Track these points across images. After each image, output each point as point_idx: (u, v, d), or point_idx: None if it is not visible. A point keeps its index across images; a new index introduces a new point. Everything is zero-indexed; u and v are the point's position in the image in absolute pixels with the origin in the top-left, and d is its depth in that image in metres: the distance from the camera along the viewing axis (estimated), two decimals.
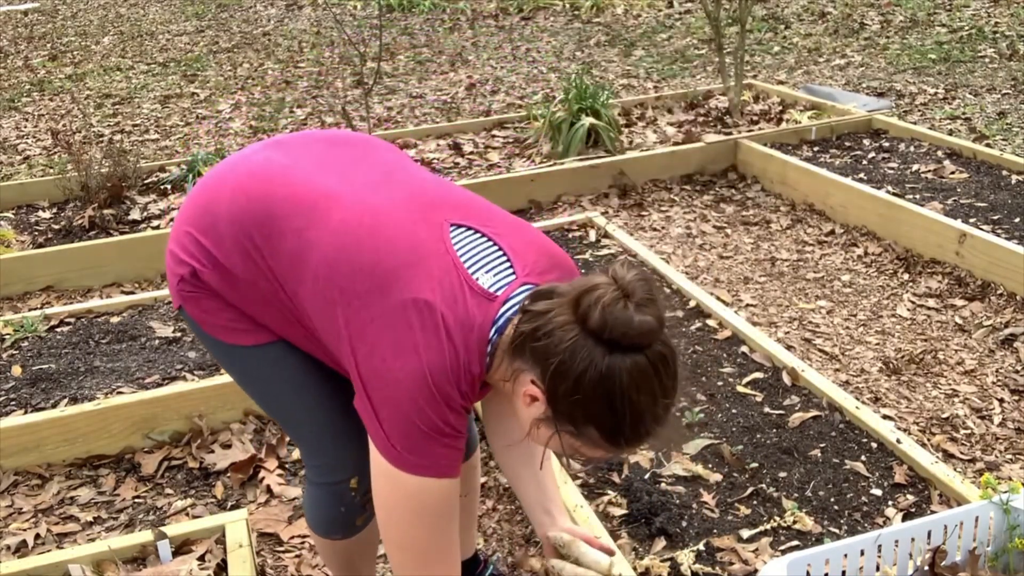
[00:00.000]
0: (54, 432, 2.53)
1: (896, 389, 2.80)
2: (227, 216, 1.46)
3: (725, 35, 6.34)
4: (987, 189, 3.94)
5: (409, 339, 1.30)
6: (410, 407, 1.30)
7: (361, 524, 1.68)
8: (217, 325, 1.53)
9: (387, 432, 1.32)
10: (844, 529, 2.12)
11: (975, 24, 7.45)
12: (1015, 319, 3.11)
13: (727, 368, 2.75)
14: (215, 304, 1.52)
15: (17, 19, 10.66)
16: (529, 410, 1.34)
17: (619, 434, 1.29)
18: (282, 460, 2.55)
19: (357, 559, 1.77)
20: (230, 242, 1.46)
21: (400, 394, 1.30)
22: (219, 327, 1.53)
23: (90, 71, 7.70)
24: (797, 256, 3.75)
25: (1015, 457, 2.48)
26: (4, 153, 5.65)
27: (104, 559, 1.96)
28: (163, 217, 4.23)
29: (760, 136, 4.67)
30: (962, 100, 5.56)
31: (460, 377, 1.32)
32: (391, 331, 1.31)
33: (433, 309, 1.30)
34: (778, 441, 2.42)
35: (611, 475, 2.32)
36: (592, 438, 1.30)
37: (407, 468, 1.33)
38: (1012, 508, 1.78)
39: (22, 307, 3.62)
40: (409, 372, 1.30)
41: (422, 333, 1.30)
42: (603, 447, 1.32)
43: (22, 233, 4.18)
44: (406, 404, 1.30)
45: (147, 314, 3.23)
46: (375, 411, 1.33)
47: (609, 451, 1.34)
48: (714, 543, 2.08)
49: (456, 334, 1.31)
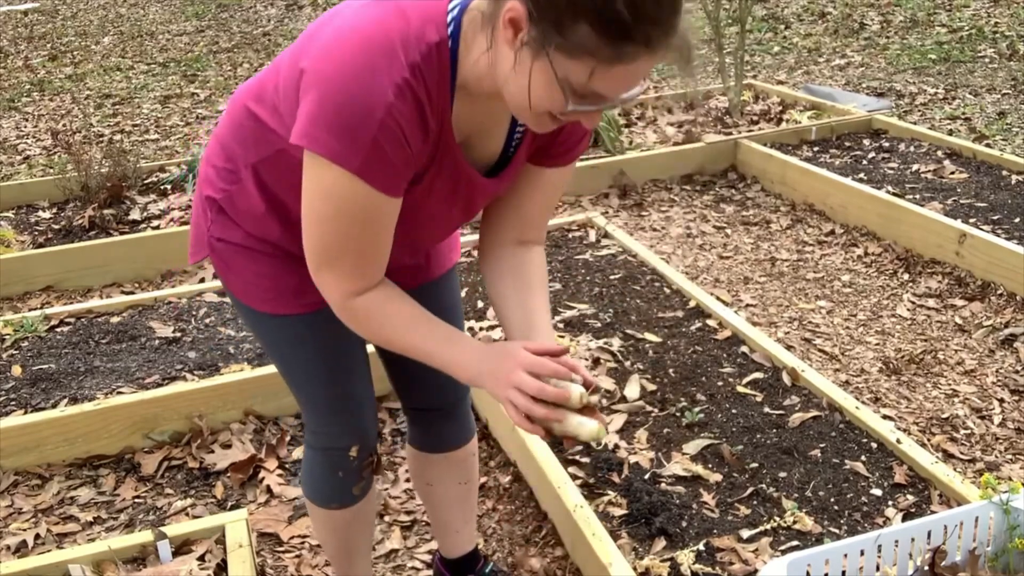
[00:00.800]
0: (54, 432, 2.53)
1: (896, 389, 2.80)
2: (226, 123, 1.48)
3: (725, 35, 6.34)
4: (987, 189, 3.94)
5: (351, 19, 1.22)
6: (341, 75, 1.16)
7: (358, 493, 1.69)
8: (240, 287, 1.53)
9: (313, 112, 1.18)
10: (844, 529, 2.12)
11: (975, 24, 7.45)
12: (1015, 319, 3.11)
13: (727, 368, 2.75)
14: (242, 260, 1.51)
15: (17, 19, 10.66)
16: (512, 53, 1.15)
17: (615, 19, 1.06)
18: (282, 460, 2.55)
19: (354, 536, 1.78)
20: (234, 135, 1.46)
21: (331, 63, 1.18)
22: (243, 290, 1.53)
23: (90, 71, 7.70)
24: (797, 256, 3.75)
25: (1015, 457, 2.48)
26: (4, 153, 5.65)
27: (104, 559, 1.96)
28: (163, 217, 4.23)
29: (760, 136, 4.67)
30: (962, 100, 5.56)
31: (409, 42, 1.19)
32: (333, 24, 1.25)
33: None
34: (778, 441, 2.42)
35: (611, 475, 2.32)
36: (586, 45, 1.08)
37: (321, 150, 1.18)
38: (1012, 508, 1.78)
39: (22, 307, 3.62)
40: (347, 34, 1.19)
41: (367, 10, 1.23)
42: (601, 53, 1.09)
43: (22, 233, 4.18)
44: (337, 72, 1.17)
45: (147, 314, 3.23)
46: (310, 91, 1.20)
47: (611, 58, 1.09)
48: (714, 543, 2.08)
49: (407, 8, 1.22)
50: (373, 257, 1.31)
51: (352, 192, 1.21)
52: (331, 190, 1.22)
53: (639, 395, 2.64)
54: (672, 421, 2.53)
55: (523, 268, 1.51)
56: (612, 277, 3.36)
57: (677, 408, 2.58)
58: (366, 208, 1.23)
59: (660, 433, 2.48)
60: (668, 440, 2.45)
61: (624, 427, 2.51)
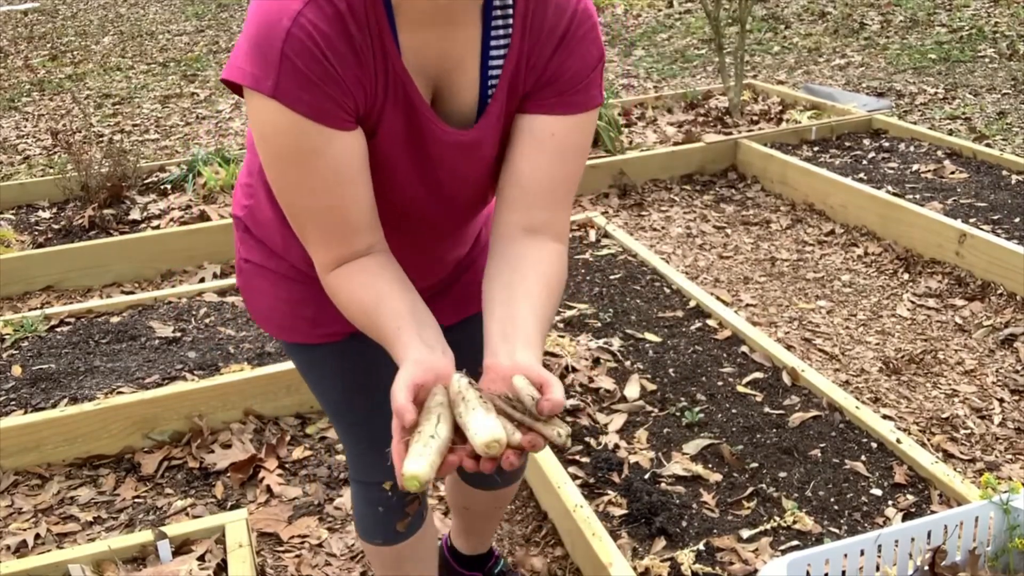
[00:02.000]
0: (54, 432, 2.53)
1: (896, 389, 2.80)
2: (248, 133, 1.41)
3: (725, 35, 6.34)
4: (987, 189, 3.94)
5: None
6: (258, 1, 1.08)
7: (404, 531, 1.55)
8: (261, 311, 1.46)
9: (236, 44, 1.11)
10: (844, 529, 2.12)
11: (975, 24, 7.45)
12: (1015, 319, 3.11)
13: (727, 368, 2.75)
14: (262, 282, 1.44)
15: (17, 19, 10.66)
16: None
17: None
18: (282, 460, 2.55)
19: (409, 568, 1.62)
20: (249, 143, 1.40)
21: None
22: (264, 315, 1.47)
23: (90, 71, 7.70)
24: (797, 256, 3.75)
25: (1015, 457, 2.48)
26: (4, 153, 5.65)
27: (104, 559, 1.96)
28: (163, 217, 4.23)
29: (760, 136, 4.67)
30: (962, 100, 5.56)
31: None
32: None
33: None
34: (778, 441, 2.42)
35: (611, 475, 2.32)
36: None
37: (237, 76, 1.09)
38: (1012, 508, 1.78)
39: (22, 307, 3.63)
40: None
41: None
42: None
43: (22, 233, 4.18)
44: (255, 1, 1.09)
45: (147, 314, 3.23)
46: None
47: None
48: (714, 543, 2.08)
49: None
50: (339, 214, 1.14)
51: (278, 123, 1.08)
52: (263, 129, 1.10)
53: (639, 395, 2.64)
54: (672, 421, 2.53)
55: (521, 263, 1.19)
56: (612, 277, 3.36)
57: (677, 408, 2.58)
58: (300, 144, 1.09)
59: (660, 433, 2.48)
60: (668, 440, 2.45)
61: (624, 427, 2.51)
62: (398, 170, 1.21)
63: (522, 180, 1.20)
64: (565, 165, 1.21)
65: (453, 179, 1.25)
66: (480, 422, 0.96)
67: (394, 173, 1.21)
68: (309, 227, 1.16)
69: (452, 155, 1.22)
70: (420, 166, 1.22)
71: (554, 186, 1.21)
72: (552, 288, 1.19)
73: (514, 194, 1.21)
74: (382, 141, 1.17)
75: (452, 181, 1.26)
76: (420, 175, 1.23)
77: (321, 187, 1.12)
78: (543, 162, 1.20)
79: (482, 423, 0.96)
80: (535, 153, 1.20)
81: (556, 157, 1.20)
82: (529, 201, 1.21)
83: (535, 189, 1.20)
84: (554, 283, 1.20)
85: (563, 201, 1.23)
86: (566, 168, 1.21)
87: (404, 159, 1.20)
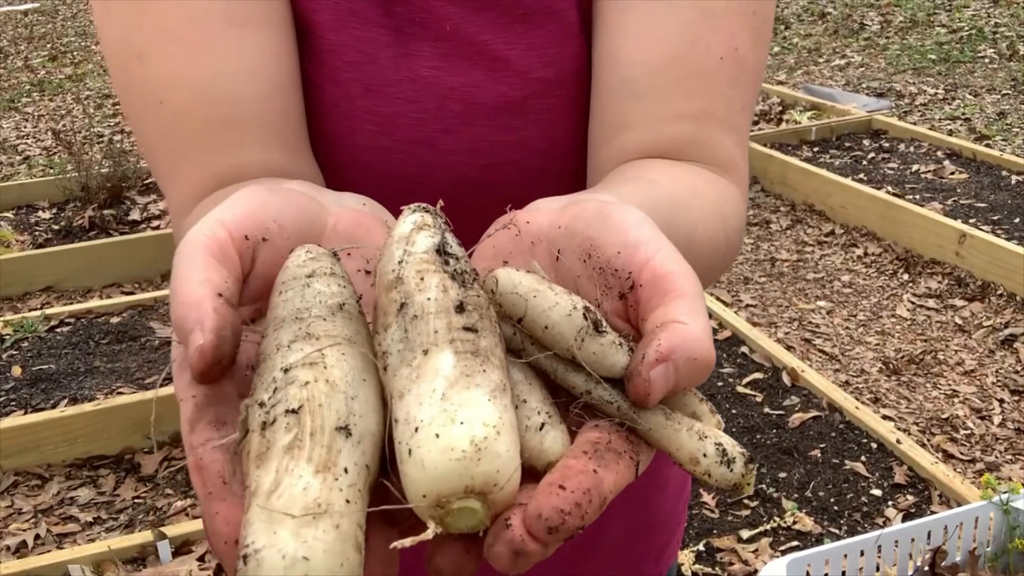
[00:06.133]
0: (54, 432, 2.53)
1: (896, 389, 2.80)
2: None
3: None
4: (987, 189, 3.94)
5: None
6: None
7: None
8: None
9: None
10: (844, 529, 2.12)
11: (975, 24, 7.45)
12: (1015, 319, 3.11)
13: (727, 368, 2.75)
14: None
15: (17, 19, 10.66)
16: None
17: None
18: None
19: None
20: None
21: None
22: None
23: (90, 71, 7.70)
24: (797, 256, 3.75)
25: (1015, 457, 2.48)
26: (4, 153, 5.65)
27: (104, 559, 1.96)
28: (163, 217, 4.23)
29: (760, 136, 4.66)
30: (962, 100, 5.56)
31: None
32: None
33: None
34: (778, 441, 2.42)
35: None
36: None
37: None
38: (1012, 508, 1.78)
39: (22, 307, 3.62)
40: None
41: None
42: None
43: (22, 233, 4.18)
44: None
45: (147, 314, 3.23)
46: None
47: None
48: (714, 543, 2.08)
49: None
50: (211, 88, 0.62)
51: None
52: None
53: None
54: None
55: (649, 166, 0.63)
56: None
57: None
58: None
59: None
60: None
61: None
62: (370, 62, 0.63)
63: (637, 57, 0.62)
64: (716, 31, 0.62)
65: (494, 81, 0.64)
66: (446, 409, 0.36)
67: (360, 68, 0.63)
68: (158, 122, 0.64)
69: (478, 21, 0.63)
70: (407, 45, 0.64)
71: (700, 70, 0.62)
72: (722, 211, 0.62)
73: (623, 92, 0.63)
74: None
75: (490, 85, 0.64)
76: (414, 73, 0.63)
77: (179, 29, 0.61)
78: (672, 18, 0.62)
79: (454, 410, 0.36)
80: (623, 37, 0.63)
81: (697, 13, 0.62)
82: (653, 96, 0.63)
83: (665, 72, 0.62)
84: (726, 210, 0.63)
85: (721, 101, 0.64)
86: (718, 35, 0.62)
87: (380, 31, 0.63)
